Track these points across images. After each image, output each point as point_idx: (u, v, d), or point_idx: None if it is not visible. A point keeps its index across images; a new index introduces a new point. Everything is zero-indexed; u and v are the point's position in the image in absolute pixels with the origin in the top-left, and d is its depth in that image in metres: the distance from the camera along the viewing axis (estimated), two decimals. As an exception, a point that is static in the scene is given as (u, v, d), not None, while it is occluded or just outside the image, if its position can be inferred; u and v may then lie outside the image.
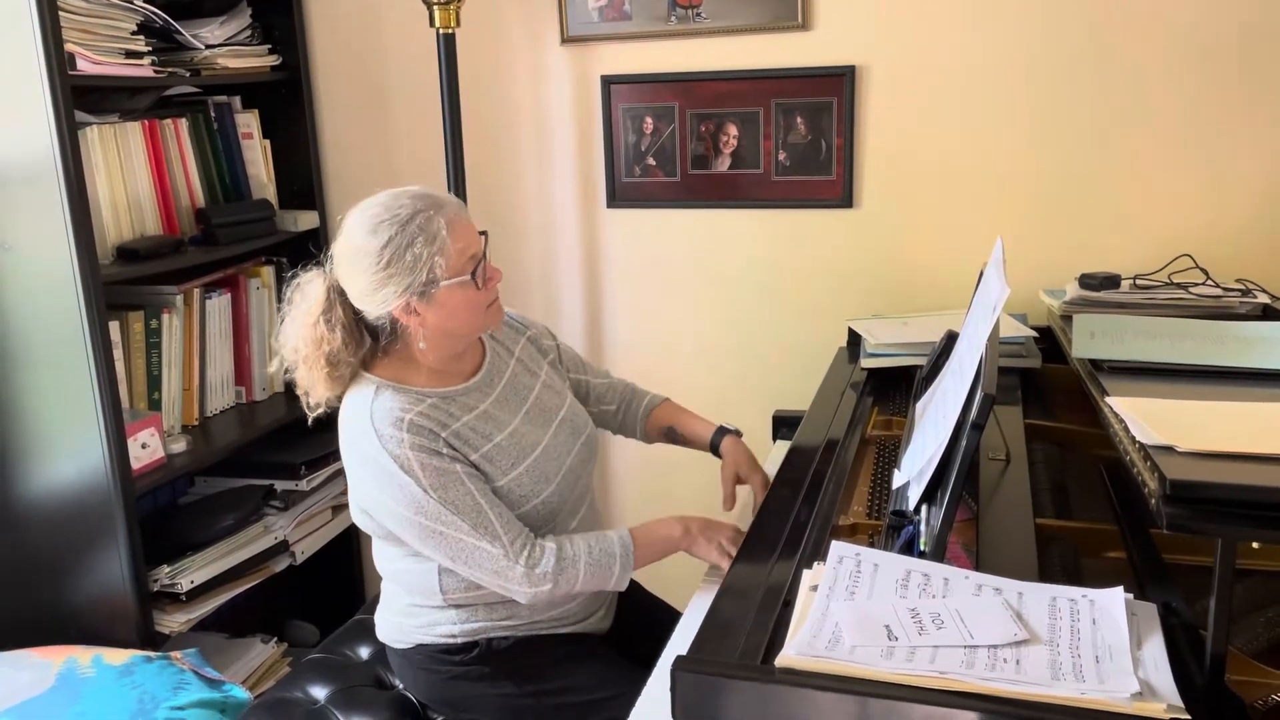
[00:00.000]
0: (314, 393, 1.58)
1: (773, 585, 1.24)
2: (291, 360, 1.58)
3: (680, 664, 1.05)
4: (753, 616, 1.17)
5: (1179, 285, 1.90)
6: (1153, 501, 0.99)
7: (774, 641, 1.09)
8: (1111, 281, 1.92)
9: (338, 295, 1.54)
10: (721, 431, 1.84)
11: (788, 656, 1.02)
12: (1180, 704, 0.92)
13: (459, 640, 1.64)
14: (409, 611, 1.67)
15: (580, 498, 1.72)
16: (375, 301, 1.51)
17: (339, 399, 1.59)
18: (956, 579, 1.13)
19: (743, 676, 1.03)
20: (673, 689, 1.04)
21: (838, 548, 1.19)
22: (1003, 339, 1.89)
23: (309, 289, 1.57)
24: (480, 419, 1.59)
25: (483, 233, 1.58)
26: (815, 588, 1.13)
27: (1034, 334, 2.00)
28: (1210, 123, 2.07)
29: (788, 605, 1.17)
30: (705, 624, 1.17)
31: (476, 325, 1.59)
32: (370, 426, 1.51)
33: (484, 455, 1.56)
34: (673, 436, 1.88)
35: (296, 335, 1.56)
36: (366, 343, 1.58)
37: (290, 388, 2.67)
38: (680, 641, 1.35)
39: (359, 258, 1.51)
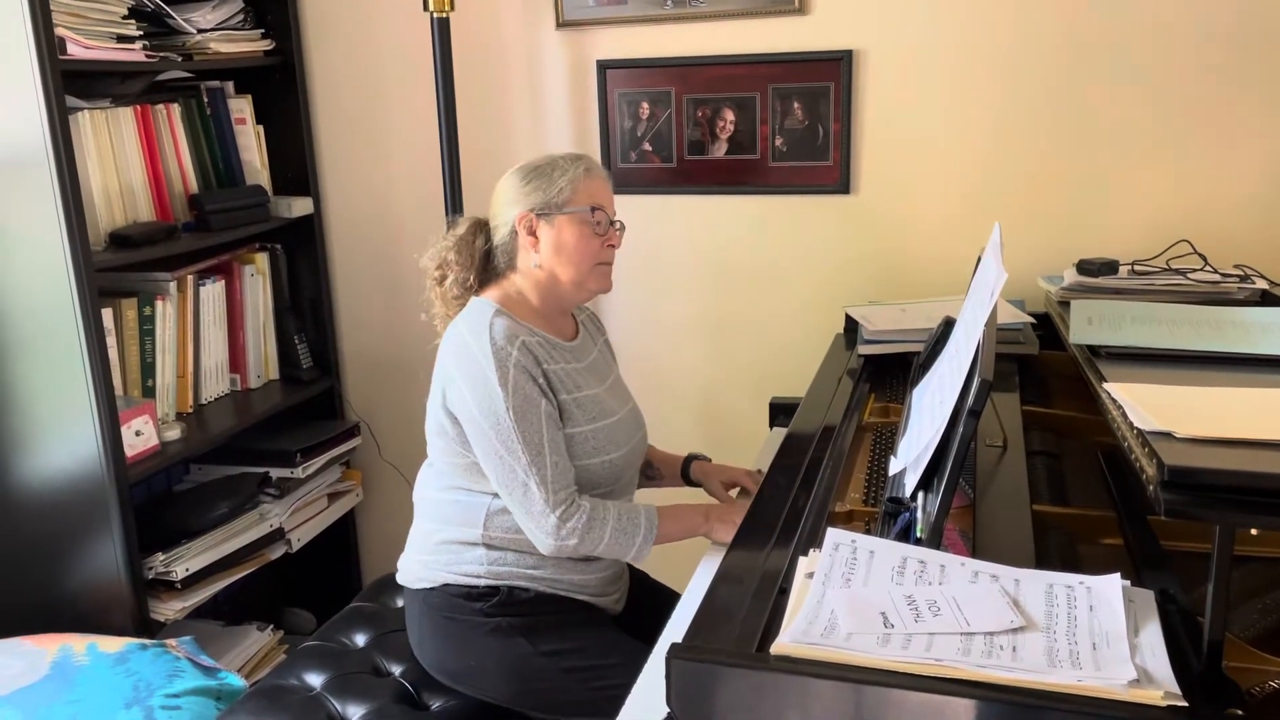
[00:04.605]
0: (434, 308, 1.78)
1: (768, 572, 1.24)
2: (426, 279, 1.78)
3: (675, 652, 1.04)
4: (748, 604, 1.16)
5: (1177, 271, 1.89)
6: (1150, 488, 0.99)
7: (769, 629, 1.09)
8: (1109, 267, 1.91)
9: (480, 229, 1.75)
10: (691, 457, 1.95)
11: (783, 644, 1.01)
12: (1177, 691, 0.92)
13: (482, 583, 1.68)
14: (439, 549, 1.71)
15: (630, 484, 1.81)
16: (508, 210, 1.70)
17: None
18: (953, 566, 1.12)
19: (737, 664, 1.02)
20: (668, 677, 1.04)
21: (834, 535, 1.19)
22: (1000, 325, 1.88)
23: (460, 221, 1.78)
24: (575, 372, 1.73)
25: (621, 222, 1.74)
26: (811, 575, 1.12)
27: (1032, 320, 1.99)
28: (1209, 108, 2.06)
29: (783, 593, 1.16)
30: (701, 611, 1.16)
31: (582, 273, 1.70)
32: (488, 333, 1.62)
33: (574, 399, 1.68)
34: (647, 470, 1.95)
35: (431, 255, 1.77)
36: (478, 274, 1.75)
37: (285, 374, 2.69)
38: (677, 626, 1.34)
39: (508, 186, 1.72)
